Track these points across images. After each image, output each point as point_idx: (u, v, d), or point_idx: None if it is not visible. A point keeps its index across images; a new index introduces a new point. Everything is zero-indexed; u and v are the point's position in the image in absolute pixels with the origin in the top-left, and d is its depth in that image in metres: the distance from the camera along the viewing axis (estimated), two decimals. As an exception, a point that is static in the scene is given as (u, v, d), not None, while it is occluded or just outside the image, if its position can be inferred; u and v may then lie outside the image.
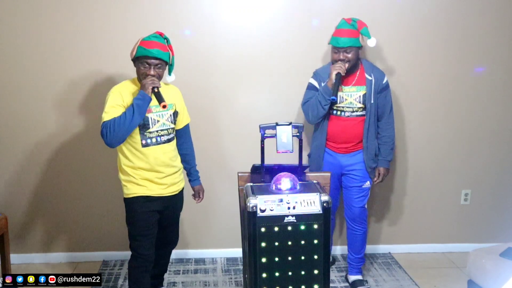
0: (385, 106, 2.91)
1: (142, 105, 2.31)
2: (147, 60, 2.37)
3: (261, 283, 2.14)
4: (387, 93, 2.90)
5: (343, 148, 2.92)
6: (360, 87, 2.84)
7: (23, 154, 3.23)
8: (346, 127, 2.87)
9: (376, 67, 2.95)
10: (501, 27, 3.33)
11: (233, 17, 3.18)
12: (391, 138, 2.97)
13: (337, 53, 2.77)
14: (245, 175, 2.39)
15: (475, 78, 3.39)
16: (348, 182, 2.98)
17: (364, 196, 2.99)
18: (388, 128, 2.95)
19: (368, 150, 2.90)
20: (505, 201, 3.59)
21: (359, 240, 3.05)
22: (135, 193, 2.47)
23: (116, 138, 2.29)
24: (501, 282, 1.83)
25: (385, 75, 2.92)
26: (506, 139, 3.51)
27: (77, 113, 3.20)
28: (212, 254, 3.49)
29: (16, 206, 3.29)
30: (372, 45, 2.80)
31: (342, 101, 2.84)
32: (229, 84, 3.26)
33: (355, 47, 2.75)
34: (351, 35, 2.73)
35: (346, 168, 2.95)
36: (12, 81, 3.14)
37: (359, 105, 2.84)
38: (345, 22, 2.78)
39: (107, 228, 3.38)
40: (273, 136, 2.27)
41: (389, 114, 2.94)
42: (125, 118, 2.29)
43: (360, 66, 2.87)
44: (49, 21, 3.07)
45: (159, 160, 2.45)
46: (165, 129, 2.48)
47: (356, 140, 2.90)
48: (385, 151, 2.96)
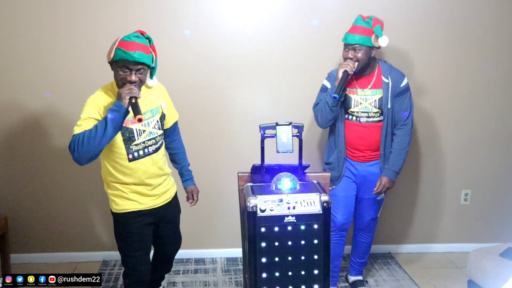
0: (402, 112, 2.69)
1: (117, 119, 2.03)
2: (127, 64, 2.08)
3: (261, 283, 2.14)
4: (405, 97, 2.68)
5: (360, 157, 2.75)
6: (376, 90, 2.66)
7: (23, 154, 3.23)
8: (363, 133, 2.70)
9: (396, 69, 2.74)
10: (501, 27, 3.33)
11: (233, 17, 3.18)
12: (404, 147, 2.70)
13: (346, 50, 2.63)
14: (245, 175, 2.39)
15: (475, 78, 3.39)
16: (362, 192, 2.80)
17: (378, 208, 2.86)
18: (402, 135, 2.70)
19: (386, 158, 2.73)
20: (505, 201, 3.59)
21: (364, 247, 2.98)
22: (126, 209, 2.29)
23: (85, 155, 2.02)
24: (501, 282, 1.83)
25: (404, 77, 2.71)
26: (506, 139, 3.51)
27: (77, 113, 3.19)
28: (212, 254, 3.49)
29: (16, 206, 3.29)
30: (383, 44, 2.59)
31: (356, 105, 2.68)
32: (229, 84, 3.26)
33: (364, 45, 2.57)
34: (362, 33, 2.57)
35: (363, 178, 2.78)
36: (12, 81, 3.14)
37: (375, 110, 2.66)
38: (360, 18, 2.63)
39: (107, 228, 3.38)
40: (273, 136, 2.27)
41: (406, 120, 2.70)
42: (96, 132, 2.01)
43: (378, 68, 2.69)
44: (49, 22, 3.07)
45: (149, 172, 2.27)
46: (153, 138, 2.27)
47: (373, 147, 2.72)
48: (394, 159, 2.70)
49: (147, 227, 2.35)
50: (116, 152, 2.18)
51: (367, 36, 2.57)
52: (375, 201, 2.81)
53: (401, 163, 2.72)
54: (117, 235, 2.39)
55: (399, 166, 2.72)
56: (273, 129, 2.27)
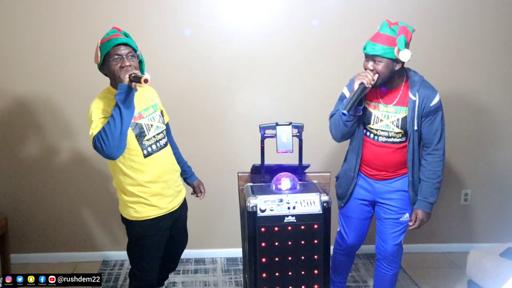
0: (432, 134, 2.31)
1: (126, 99, 2.03)
2: (116, 51, 2.10)
3: (261, 283, 2.14)
4: (436, 117, 2.30)
5: (378, 175, 2.43)
6: (400, 107, 2.29)
7: (23, 154, 3.23)
8: (380, 154, 2.37)
9: (427, 84, 2.34)
10: (501, 27, 3.33)
11: (233, 17, 3.18)
12: (438, 175, 2.35)
13: (367, 60, 2.25)
14: (245, 175, 2.39)
15: (475, 78, 3.39)
16: (383, 212, 2.46)
17: (402, 231, 2.46)
18: (435, 161, 2.34)
19: (414, 184, 2.39)
20: (505, 201, 3.59)
21: (387, 281, 2.57)
22: (147, 216, 2.25)
23: (114, 145, 2.00)
24: (501, 282, 1.83)
25: (436, 94, 2.30)
26: (506, 139, 3.51)
27: (77, 113, 3.20)
28: (212, 254, 3.49)
29: (16, 206, 3.29)
30: (403, 59, 2.18)
31: (376, 121, 2.33)
32: (229, 84, 3.26)
33: (385, 58, 2.18)
34: (385, 43, 2.17)
35: (382, 195, 2.44)
36: (11, 82, 3.14)
37: (397, 130, 2.31)
38: (386, 24, 2.22)
39: (107, 228, 3.38)
40: (273, 136, 2.27)
41: (438, 144, 2.33)
42: (114, 121, 2.00)
43: (405, 82, 2.31)
44: (49, 23, 3.07)
45: (164, 167, 2.27)
46: (161, 132, 2.28)
47: (392, 169, 2.40)
48: (427, 189, 2.35)
49: (164, 232, 2.34)
50: (131, 149, 2.15)
51: (389, 47, 2.17)
52: (398, 223, 2.44)
53: (436, 193, 2.37)
54: (133, 242, 2.34)
55: (435, 197, 2.37)
56: (273, 129, 2.27)
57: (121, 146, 2.04)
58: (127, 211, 2.28)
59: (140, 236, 2.30)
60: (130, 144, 2.13)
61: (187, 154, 2.65)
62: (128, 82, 2.04)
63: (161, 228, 2.31)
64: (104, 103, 2.15)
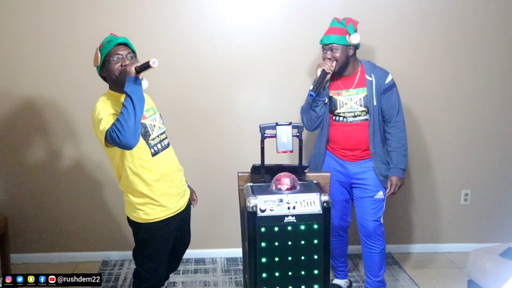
0: (391, 108, 2.69)
1: (134, 88, 2.04)
2: (117, 51, 2.13)
3: (261, 283, 2.14)
4: (391, 93, 2.69)
5: (351, 156, 2.74)
6: (360, 89, 2.68)
7: (23, 154, 3.23)
8: (351, 132, 2.70)
9: (378, 67, 2.76)
10: (501, 27, 3.33)
11: (233, 17, 3.19)
12: (402, 143, 2.71)
13: (325, 52, 2.67)
14: (245, 175, 2.39)
15: (475, 78, 3.39)
16: (359, 193, 2.77)
17: (378, 208, 2.75)
18: (397, 132, 2.71)
19: (377, 156, 2.70)
20: (505, 201, 3.59)
21: (376, 259, 2.80)
22: (156, 218, 2.24)
23: (130, 134, 1.99)
24: (501, 282, 1.83)
25: (388, 74, 2.72)
26: (506, 139, 3.51)
27: (77, 114, 3.20)
28: (212, 254, 3.49)
29: (16, 206, 3.29)
30: (354, 41, 2.62)
31: (342, 106, 2.69)
32: (229, 84, 3.26)
33: (340, 44, 2.61)
34: (337, 33, 2.62)
35: (356, 177, 2.75)
36: (12, 82, 3.14)
37: (361, 109, 2.67)
38: (335, 21, 2.70)
39: (107, 228, 3.38)
40: (273, 136, 2.27)
41: (397, 116, 2.71)
42: (127, 110, 2.00)
43: (360, 68, 2.72)
44: (49, 24, 3.08)
45: (170, 165, 2.29)
46: (163, 132, 2.32)
47: (363, 146, 2.71)
48: (396, 157, 2.71)
49: (173, 233, 2.35)
50: (140, 148, 2.15)
51: (341, 36, 2.62)
52: (374, 201, 2.74)
53: (404, 159, 2.73)
54: (142, 244, 2.33)
55: (404, 163, 2.72)
56: (273, 129, 2.27)
57: (136, 135, 2.03)
58: (136, 213, 2.26)
59: (150, 238, 2.28)
60: (138, 143, 2.12)
61: (187, 154, 2.65)
62: (135, 74, 2.05)
63: (170, 229, 2.31)
64: (109, 101, 2.16)
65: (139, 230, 2.30)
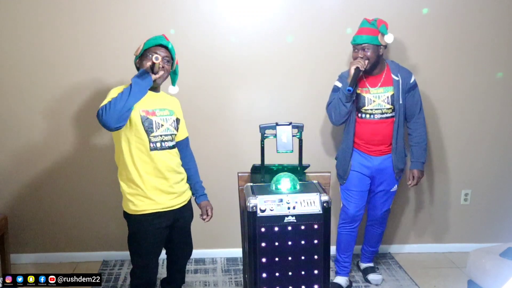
0: (414, 106, 2.89)
1: (140, 82, 2.15)
2: (156, 50, 2.27)
3: (261, 283, 2.14)
4: (415, 92, 2.88)
5: (376, 151, 2.89)
6: (387, 87, 2.82)
7: (23, 154, 3.23)
8: (377, 129, 2.85)
9: (403, 67, 2.91)
10: (501, 27, 3.33)
11: (233, 17, 3.18)
12: (423, 138, 2.93)
13: (356, 51, 2.78)
14: (245, 175, 2.39)
15: (475, 78, 3.39)
16: (377, 186, 2.96)
17: (390, 200, 3.01)
18: (419, 128, 2.92)
19: (397, 150, 2.87)
20: (505, 201, 3.59)
21: (376, 236, 3.14)
22: (144, 210, 2.29)
23: (113, 115, 2.06)
24: (501, 282, 1.84)
25: (412, 74, 2.89)
26: (506, 139, 3.51)
27: (77, 114, 3.20)
28: (212, 254, 3.49)
29: (16, 206, 3.29)
30: (389, 41, 2.76)
31: (370, 103, 2.82)
32: (229, 84, 3.26)
33: (372, 44, 2.73)
34: (369, 33, 2.74)
35: (378, 171, 2.91)
36: (12, 82, 3.14)
37: (388, 106, 2.81)
38: (365, 21, 2.80)
39: (107, 228, 3.38)
40: (273, 136, 2.27)
41: (419, 113, 2.91)
42: (122, 94, 2.11)
43: (386, 67, 2.86)
44: (50, 24, 3.08)
45: (168, 165, 2.32)
46: (169, 134, 2.34)
47: (388, 142, 2.87)
48: (418, 152, 2.92)
49: (163, 230, 2.36)
50: (140, 139, 2.25)
51: (374, 36, 2.73)
52: (389, 193, 2.97)
53: (425, 153, 2.95)
54: (131, 236, 2.37)
55: (424, 157, 2.95)
56: (273, 129, 2.27)
57: (120, 119, 2.09)
58: (126, 204, 2.33)
59: (137, 231, 2.33)
60: (140, 134, 2.24)
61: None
62: (147, 69, 2.19)
63: (158, 225, 2.32)
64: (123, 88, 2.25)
65: (129, 223, 2.37)
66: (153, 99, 2.31)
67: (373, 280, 3.12)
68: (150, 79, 2.18)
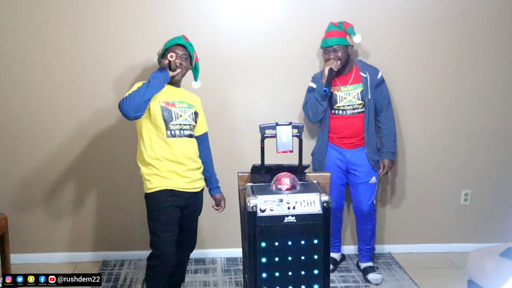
0: (383, 100, 3.06)
1: (158, 76, 2.40)
2: (174, 49, 2.49)
3: (261, 283, 2.14)
4: (383, 87, 3.06)
5: (349, 144, 3.06)
6: (357, 85, 3.01)
7: (23, 154, 3.23)
8: (349, 123, 3.02)
9: (369, 65, 3.10)
10: (501, 26, 3.33)
11: (233, 17, 3.19)
12: (392, 130, 3.10)
13: (327, 53, 2.96)
14: (245, 175, 2.39)
15: (475, 78, 3.39)
16: (355, 179, 3.10)
17: (372, 192, 3.11)
18: (388, 121, 3.10)
19: (370, 143, 3.04)
20: (505, 201, 3.59)
21: (368, 233, 3.21)
22: (158, 186, 2.46)
23: (132, 106, 2.32)
24: (501, 282, 1.83)
25: (379, 71, 3.06)
26: (506, 139, 3.51)
27: (79, 114, 3.20)
28: (212, 254, 3.49)
29: (16, 206, 3.29)
30: (358, 41, 2.96)
31: (341, 100, 3.01)
32: (229, 84, 3.26)
33: (342, 45, 2.93)
34: (338, 35, 2.94)
35: (352, 164, 3.08)
36: (14, 82, 3.14)
37: (358, 102, 3.00)
38: (332, 25, 2.99)
39: (107, 228, 3.38)
40: (273, 136, 2.27)
41: (387, 107, 3.09)
42: (141, 88, 2.37)
43: (355, 66, 3.05)
44: (50, 25, 3.08)
45: (183, 151, 2.48)
46: (187, 124, 2.52)
47: (360, 135, 3.04)
48: (388, 143, 3.09)
49: (175, 209, 2.49)
50: (158, 127, 2.44)
51: (342, 37, 2.94)
52: (368, 185, 3.09)
53: (394, 144, 3.12)
54: (149, 216, 2.51)
55: (394, 147, 3.12)
56: (273, 129, 2.27)
57: (138, 109, 2.35)
58: (145, 185, 2.50)
59: (153, 209, 2.48)
60: (158, 122, 2.44)
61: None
62: (165, 66, 2.44)
63: (171, 203, 2.46)
64: None
65: (147, 202, 2.52)
66: (173, 92, 2.53)
67: (373, 279, 3.12)
68: (167, 74, 2.43)
